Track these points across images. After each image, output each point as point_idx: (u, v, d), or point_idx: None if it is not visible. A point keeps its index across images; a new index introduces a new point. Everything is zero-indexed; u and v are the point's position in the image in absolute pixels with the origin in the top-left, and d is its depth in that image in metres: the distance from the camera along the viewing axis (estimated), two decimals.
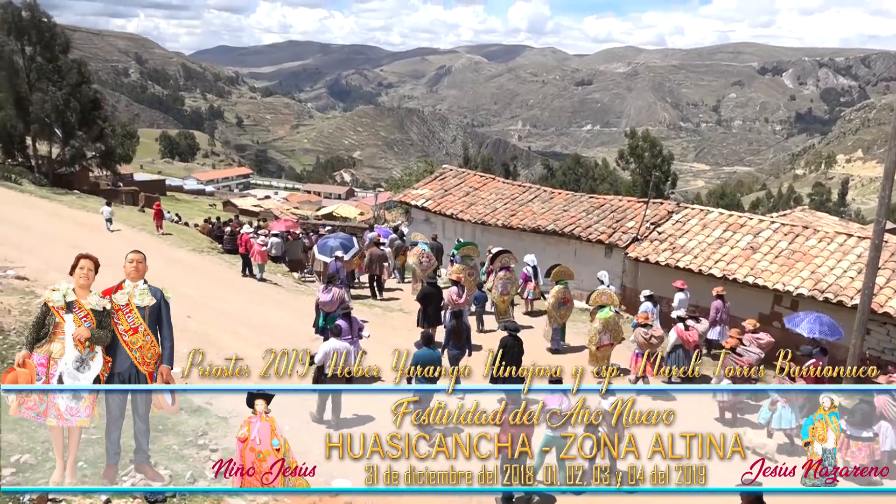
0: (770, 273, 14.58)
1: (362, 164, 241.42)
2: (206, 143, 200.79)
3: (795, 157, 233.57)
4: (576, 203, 19.42)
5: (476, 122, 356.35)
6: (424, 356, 9.49)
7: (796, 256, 14.90)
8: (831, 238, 15.35)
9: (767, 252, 15.27)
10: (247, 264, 18.45)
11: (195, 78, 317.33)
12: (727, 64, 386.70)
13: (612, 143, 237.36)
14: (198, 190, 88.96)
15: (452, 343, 11.35)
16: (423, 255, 16.76)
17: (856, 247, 14.76)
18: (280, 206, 72.77)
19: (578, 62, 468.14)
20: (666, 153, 48.88)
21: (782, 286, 14.10)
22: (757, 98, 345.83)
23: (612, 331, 12.30)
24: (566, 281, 13.97)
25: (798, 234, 15.69)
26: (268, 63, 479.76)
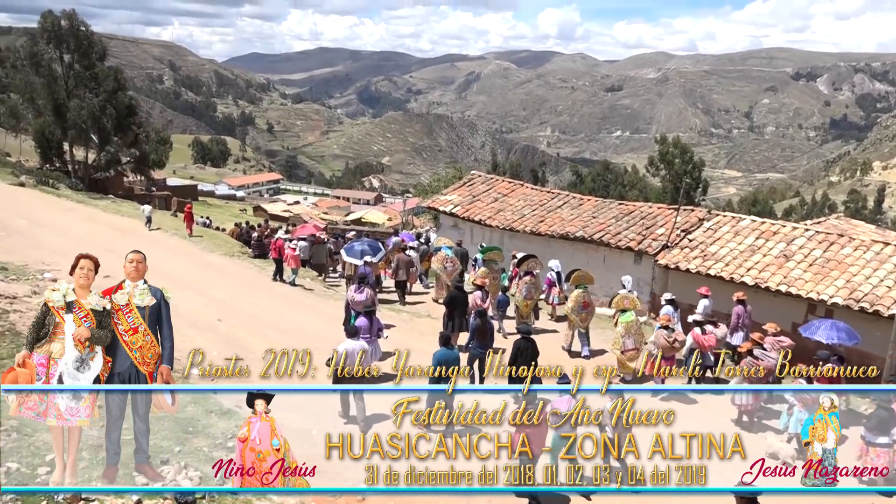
0: (804, 282, 14.34)
1: (391, 169, 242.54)
2: (237, 149, 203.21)
3: (830, 164, 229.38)
4: (605, 210, 19.29)
5: (505, 128, 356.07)
6: (443, 356, 9.65)
7: (831, 265, 14.63)
8: (867, 246, 15.04)
9: (801, 260, 15.02)
10: (279, 269, 18.59)
11: (227, 84, 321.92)
12: (760, 69, 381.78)
13: (642, 150, 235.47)
14: (229, 195, 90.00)
15: (477, 342, 11.51)
16: (448, 261, 16.79)
17: (893, 255, 14.45)
18: (309, 211, 73.38)
19: (608, 68, 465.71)
20: (697, 159, 48.32)
21: (816, 295, 13.85)
22: (790, 104, 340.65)
23: (635, 335, 12.34)
24: (586, 285, 14.09)
25: (833, 242, 15.40)
26: (299, 70, 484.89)
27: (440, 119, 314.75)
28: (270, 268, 20.01)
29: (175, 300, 6.84)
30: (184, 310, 13.70)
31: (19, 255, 15.99)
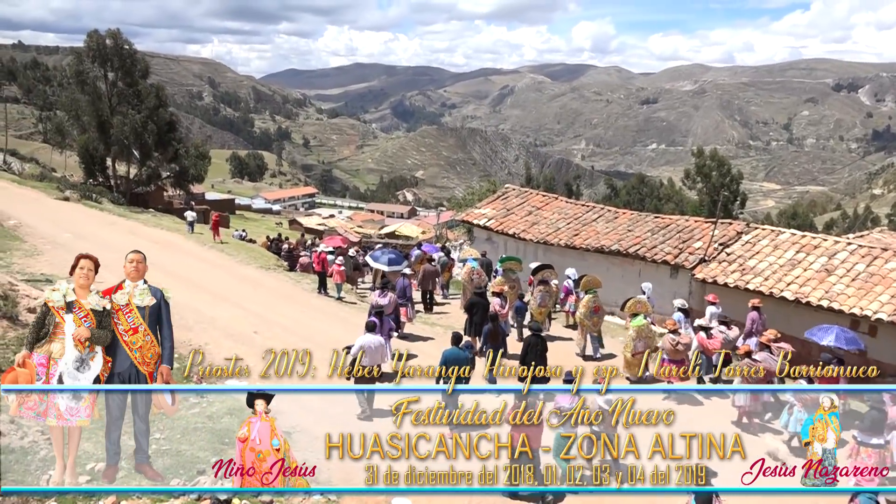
0: (846, 297, 14.00)
1: (425, 183, 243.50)
2: (273, 164, 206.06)
3: (873, 176, 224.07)
4: (641, 223, 19.10)
5: (539, 141, 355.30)
6: (452, 355, 9.98)
7: (874, 279, 14.27)
8: None
9: (843, 275, 14.68)
10: (322, 282, 18.80)
11: (265, 100, 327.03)
12: (799, 81, 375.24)
13: (678, 163, 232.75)
14: (265, 209, 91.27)
15: (490, 344, 12.09)
16: (474, 273, 17.04)
17: None
18: (344, 224, 74.01)
19: (643, 80, 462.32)
20: (735, 172, 47.48)
21: (860, 310, 13.51)
22: (831, 115, 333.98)
23: (646, 338, 12.77)
24: (595, 290, 14.51)
25: (876, 257, 15.02)
26: (334, 85, 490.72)
27: (474, 133, 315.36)
28: (305, 280, 20.20)
29: (212, 312, 6.98)
30: (221, 322, 13.95)
31: (63, 268, 16.40)
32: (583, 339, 14.38)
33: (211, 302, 15.31)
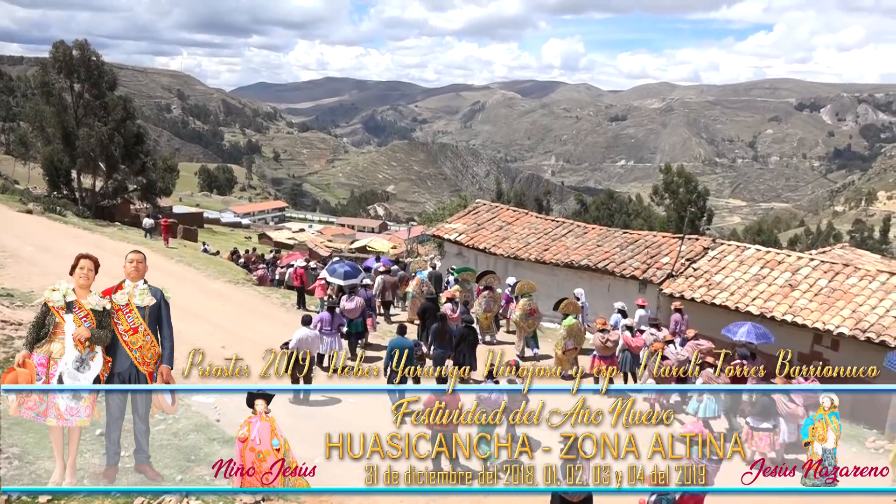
0: (809, 311, 14.28)
1: (396, 198, 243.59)
2: (243, 177, 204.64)
3: (835, 194, 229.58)
4: (609, 238, 19.30)
5: (509, 157, 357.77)
6: (397, 342, 10.99)
7: (836, 295, 14.58)
8: (873, 276, 15.00)
9: (807, 290, 14.98)
10: (301, 298, 18.72)
11: (235, 113, 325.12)
12: (763, 100, 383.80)
13: (646, 179, 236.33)
14: (234, 222, 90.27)
15: (437, 343, 12.63)
16: (423, 284, 17.40)
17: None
18: (314, 238, 73.52)
19: (612, 98, 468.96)
20: (701, 189, 48.35)
21: (822, 325, 13.79)
22: (794, 134, 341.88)
23: (576, 337, 13.74)
24: (530, 294, 15.31)
25: (838, 272, 15.36)
26: (305, 99, 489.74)
27: (445, 148, 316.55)
28: (275, 295, 20.03)
29: (180, 326, 6.88)
30: (188, 336, 13.70)
31: (25, 282, 16.08)
32: (521, 341, 15.13)
33: (178, 316, 14.95)
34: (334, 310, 13.21)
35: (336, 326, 13.12)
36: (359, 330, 14.39)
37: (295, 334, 11.37)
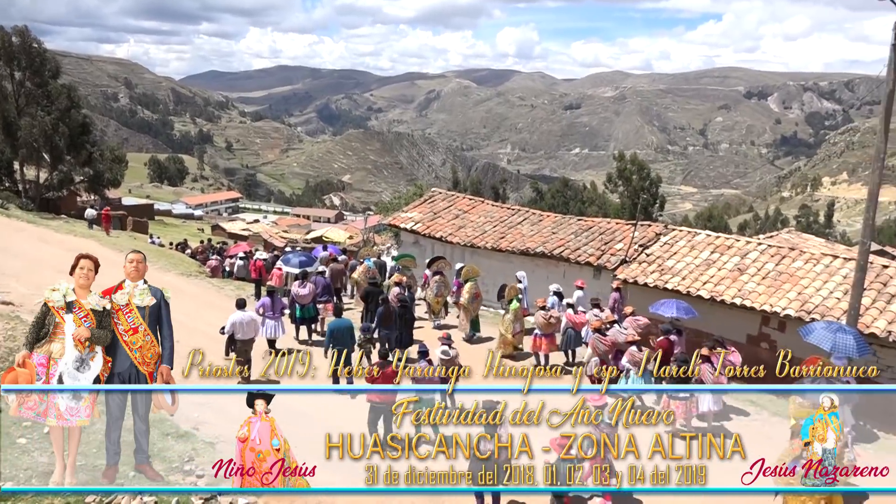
0: (757, 294, 14.64)
1: (352, 187, 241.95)
2: (195, 168, 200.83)
3: (782, 180, 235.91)
4: (565, 225, 19.50)
5: (465, 145, 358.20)
6: (336, 324, 11.51)
7: (783, 278, 14.98)
8: (817, 259, 15.46)
9: (755, 273, 15.35)
10: (258, 291, 18.54)
11: (185, 102, 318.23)
12: (713, 88, 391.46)
13: (601, 167, 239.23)
14: (186, 214, 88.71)
15: (382, 325, 13.06)
16: (369, 272, 17.61)
17: (841, 268, 14.86)
18: (269, 229, 72.60)
19: (566, 86, 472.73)
20: (654, 176, 49.11)
21: (770, 307, 14.16)
22: (743, 122, 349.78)
23: (521, 320, 14.26)
24: (475, 278, 15.79)
25: (785, 256, 15.78)
26: (258, 88, 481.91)
27: (400, 137, 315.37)
28: (229, 287, 19.73)
29: None
30: None
31: None
32: (466, 324, 15.56)
33: None
34: (275, 294, 13.54)
35: (279, 311, 13.38)
36: (311, 314, 14.72)
37: (230, 318, 11.42)
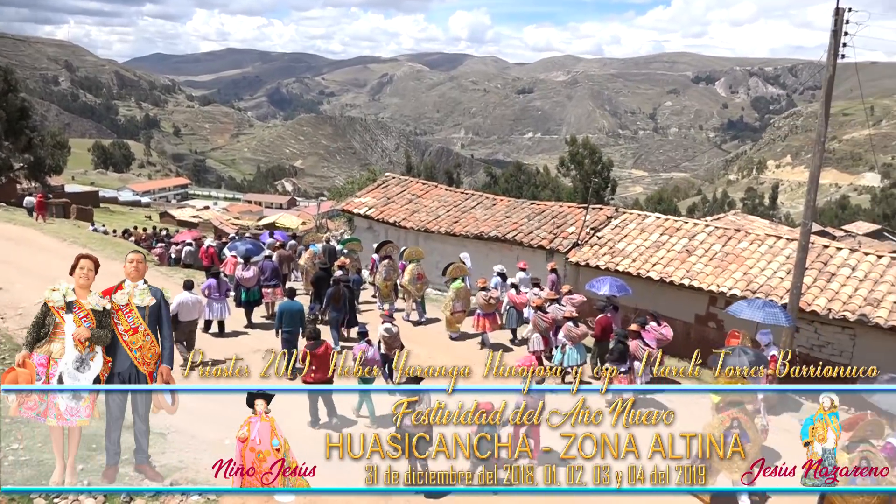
0: (705, 275, 15.01)
1: (304, 173, 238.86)
2: (141, 153, 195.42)
3: (728, 164, 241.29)
4: (518, 209, 19.62)
5: (419, 130, 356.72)
6: (287, 306, 11.80)
7: (729, 258, 15.38)
8: (762, 240, 15.91)
9: (702, 255, 15.72)
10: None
11: (129, 86, 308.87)
12: (662, 73, 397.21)
13: (553, 151, 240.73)
14: (133, 201, 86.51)
15: (332, 306, 13.31)
16: (316, 257, 17.60)
17: (785, 248, 15.33)
18: (220, 216, 71.30)
19: (519, 71, 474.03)
20: (605, 160, 49.68)
21: (717, 287, 14.53)
22: (691, 106, 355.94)
23: (464, 300, 14.50)
24: (418, 259, 16.01)
25: (731, 237, 16.20)
26: (206, 71, 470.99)
27: (353, 121, 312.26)
28: (178, 275, 19.31)
29: None
30: None
31: None
32: (409, 306, 15.75)
33: None
34: (219, 275, 13.83)
35: (223, 292, 13.62)
36: (255, 297, 14.89)
37: (175, 298, 11.32)
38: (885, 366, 9.94)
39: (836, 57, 11.88)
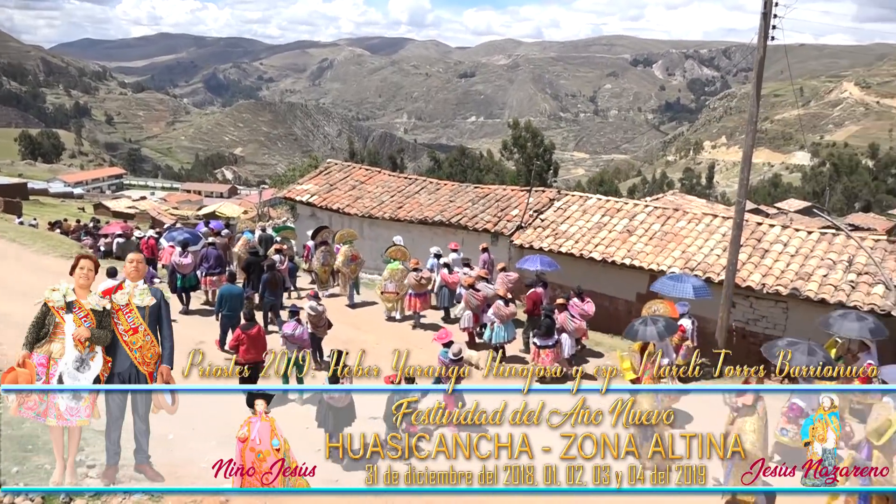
0: (645, 254, 15.34)
1: (244, 160, 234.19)
2: (72, 143, 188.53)
3: (667, 145, 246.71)
4: (462, 193, 19.66)
5: (361, 115, 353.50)
6: (227, 290, 12.12)
7: (668, 237, 15.75)
8: (699, 219, 16.33)
9: (642, 234, 16.05)
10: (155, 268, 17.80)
11: (57, 73, 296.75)
12: (602, 56, 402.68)
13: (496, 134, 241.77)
14: (65, 192, 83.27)
15: (269, 291, 13.44)
16: (249, 244, 17.41)
17: (721, 226, 15.77)
18: (158, 206, 69.39)
19: (460, 54, 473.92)
20: (547, 143, 50.17)
21: (657, 266, 14.87)
22: (630, 88, 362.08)
23: (397, 281, 14.74)
24: (352, 240, 16.23)
25: (669, 217, 16.58)
26: (138, 57, 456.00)
27: (294, 107, 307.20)
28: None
29: (4, 307, 6.44)
30: (16, 317, 12.57)
31: None
32: (345, 288, 15.94)
33: (3, 297, 13.80)
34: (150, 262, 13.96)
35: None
36: (192, 284, 14.91)
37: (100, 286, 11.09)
38: (815, 336, 10.38)
39: (766, 39, 12.21)
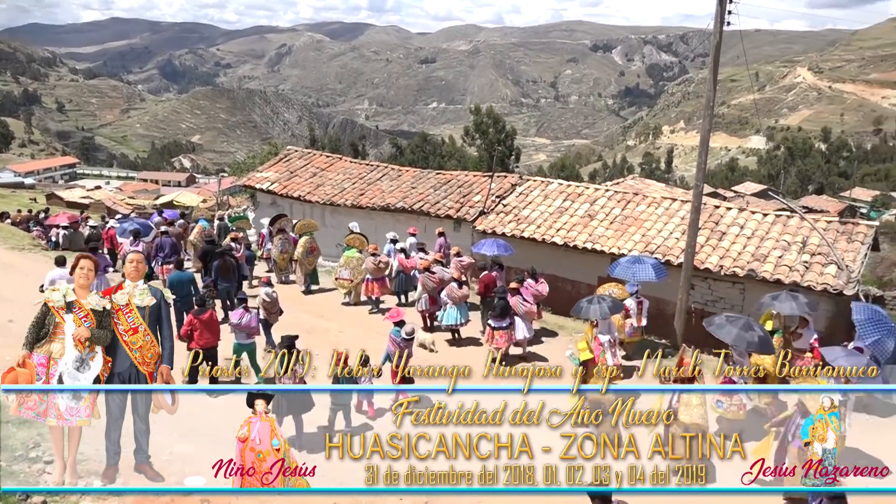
0: (606, 238, 15.48)
1: (203, 148, 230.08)
2: (21, 132, 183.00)
3: (626, 130, 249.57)
4: (424, 180, 19.59)
5: (321, 102, 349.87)
6: (175, 277, 12.27)
7: (629, 221, 15.92)
8: (658, 203, 16.54)
9: (603, 219, 16.19)
10: (114, 260, 17.57)
11: (4, 59, 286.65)
12: (562, 42, 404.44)
13: (458, 121, 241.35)
14: (15, 183, 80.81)
15: (222, 277, 13.54)
16: (204, 232, 17.37)
17: (679, 210, 15.99)
18: (113, 196, 67.84)
19: (421, 40, 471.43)
20: (509, 128, 50.23)
21: (617, 250, 15.02)
22: (590, 74, 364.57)
23: (352, 268, 14.98)
24: (311, 232, 16.26)
25: (630, 201, 16.75)
26: (89, 42, 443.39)
27: (252, 94, 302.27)
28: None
29: None
30: None
31: None
32: (303, 277, 16.04)
33: None
34: (96, 251, 13.52)
35: (102, 268, 13.49)
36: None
37: (48, 275, 11.35)
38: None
39: (722, 24, 12.34)
